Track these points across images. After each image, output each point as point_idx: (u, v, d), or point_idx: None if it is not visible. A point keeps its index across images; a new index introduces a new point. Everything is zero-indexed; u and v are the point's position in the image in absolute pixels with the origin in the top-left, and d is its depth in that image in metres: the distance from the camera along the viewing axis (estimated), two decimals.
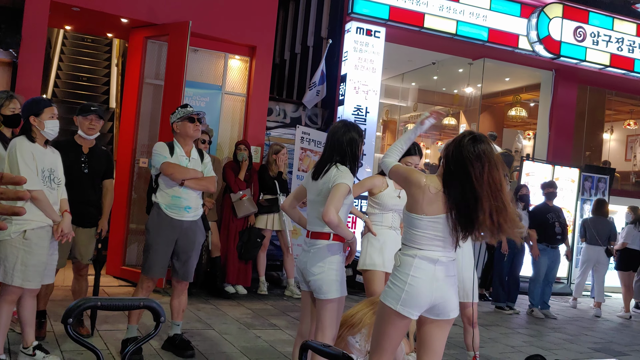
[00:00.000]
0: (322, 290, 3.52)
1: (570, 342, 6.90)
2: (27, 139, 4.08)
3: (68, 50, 14.02)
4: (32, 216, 3.98)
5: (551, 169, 10.49)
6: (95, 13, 7.62)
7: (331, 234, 3.55)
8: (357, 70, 9.62)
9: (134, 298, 2.12)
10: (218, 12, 8.01)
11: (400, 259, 2.98)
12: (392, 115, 17.09)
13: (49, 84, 12.43)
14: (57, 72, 13.12)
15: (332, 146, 3.68)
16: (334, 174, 3.55)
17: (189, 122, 4.70)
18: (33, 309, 4.20)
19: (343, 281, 3.59)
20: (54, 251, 4.24)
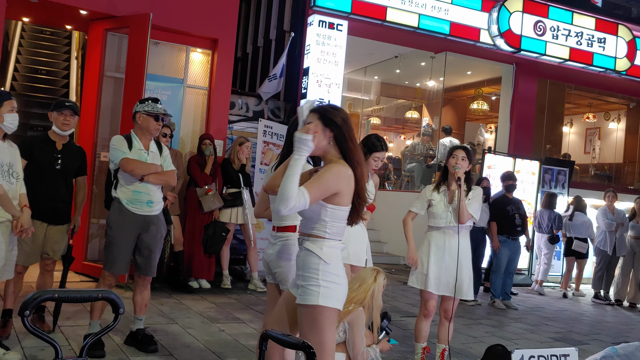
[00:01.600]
0: (287, 282, 3.53)
1: (531, 332, 7.02)
2: None
3: (26, 43, 13.77)
4: None
5: (512, 162, 10.66)
6: (54, 4, 7.49)
7: (297, 227, 3.55)
8: (320, 64, 9.66)
9: (92, 290, 2.11)
10: (179, 4, 7.94)
11: (329, 255, 2.92)
12: (355, 108, 17.17)
13: (7, 77, 12.21)
14: (15, 66, 12.87)
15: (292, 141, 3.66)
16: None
17: (155, 119, 4.65)
18: None
19: None
20: (13, 246, 4.18)
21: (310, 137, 2.79)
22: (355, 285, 3.96)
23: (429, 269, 4.70)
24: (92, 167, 7.51)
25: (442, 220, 4.71)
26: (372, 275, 3.98)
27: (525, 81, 12.42)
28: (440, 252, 4.69)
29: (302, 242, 2.96)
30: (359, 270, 4.50)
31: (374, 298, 3.92)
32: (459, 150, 4.78)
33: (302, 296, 2.89)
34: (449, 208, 4.69)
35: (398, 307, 7.38)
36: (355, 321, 3.80)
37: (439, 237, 4.72)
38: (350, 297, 3.89)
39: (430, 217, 4.81)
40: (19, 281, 4.81)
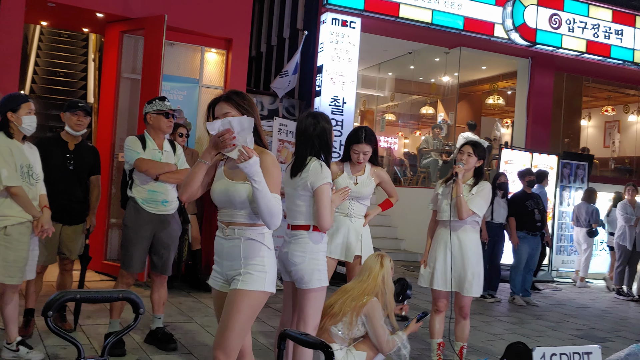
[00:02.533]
0: (303, 280, 3.55)
1: (553, 329, 6.93)
2: (5, 135, 4.08)
3: (45, 46, 13.93)
4: (12, 212, 3.99)
5: (529, 157, 10.60)
6: (71, 8, 7.58)
7: (311, 225, 3.59)
8: (333, 61, 9.68)
9: (112, 290, 2.16)
10: (194, 5, 8.00)
11: (270, 243, 3.01)
12: (370, 105, 17.18)
13: (27, 80, 12.36)
14: (34, 68, 13.03)
15: (305, 141, 3.65)
16: (311, 170, 3.54)
17: (164, 117, 4.71)
18: (15, 304, 4.22)
19: (324, 271, 3.60)
20: (34, 247, 4.25)
21: (257, 160, 2.69)
22: (364, 275, 3.98)
23: (435, 265, 4.70)
24: (110, 167, 7.59)
25: (444, 214, 4.71)
26: (378, 261, 4.01)
27: (541, 75, 12.35)
28: (444, 248, 4.68)
29: (243, 232, 2.91)
30: (351, 264, 4.52)
31: (385, 283, 3.95)
32: (466, 146, 4.79)
33: (247, 282, 2.88)
34: (449, 202, 4.68)
35: (416, 304, 7.38)
36: (371, 312, 3.83)
37: (443, 232, 4.72)
38: (362, 288, 3.92)
39: (437, 211, 4.83)
40: (39, 281, 4.90)
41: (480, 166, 4.77)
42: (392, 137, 17.31)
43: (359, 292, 3.90)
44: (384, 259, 4.02)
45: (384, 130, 16.73)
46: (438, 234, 4.78)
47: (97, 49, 13.18)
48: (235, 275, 2.93)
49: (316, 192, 3.50)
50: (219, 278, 3.03)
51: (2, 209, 3.94)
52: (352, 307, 3.83)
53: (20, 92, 9.13)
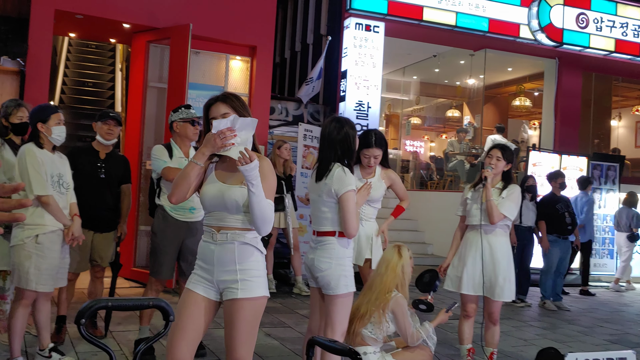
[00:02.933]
0: (330, 286, 3.55)
1: (585, 334, 6.79)
2: (36, 145, 4.15)
3: (73, 57, 14.15)
4: (43, 221, 4.06)
5: (558, 158, 10.46)
6: (98, 20, 7.72)
7: (337, 231, 3.59)
8: (358, 66, 9.68)
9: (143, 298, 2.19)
10: (218, 13, 8.08)
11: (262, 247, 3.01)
12: (395, 109, 17.13)
13: (56, 90, 12.56)
14: (63, 79, 13.25)
15: (328, 145, 3.65)
16: (335, 177, 3.55)
17: (190, 124, 4.75)
18: (48, 312, 4.29)
19: (351, 276, 3.60)
20: (65, 254, 4.31)
21: (257, 164, 2.68)
22: (382, 268, 3.98)
23: (463, 269, 4.65)
24: (138, 176, 7.69)
25: (473, 219, 4.65)
26: (395, 252, 4.00)
27: (569, 75, 12.21)
28: (474, 252, 4.62)
29: (237, 237, 2.84)
30: (362, 268, 4.52)
31: (404, 274, 3.94)
32: (495, 150, 4.74)
33: (247, 289, 2.82)
34: (479, 206, 4.63)
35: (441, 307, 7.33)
36: (397, 308, 3.83)
37: (472, 236, 4.68)
38: (383, 282, 3.92)
39: (466, 216, 4.77)
40: (70, 288, 4.98)
41: (508, 170, 4.73)
42: (418, 140, 17.25)
43: (381, 288, 3.90)
44: (401, 249, 4.02)
45: (409, 134, 16.67)
46: (467, 238, 4.73)
47: (124, 59, 13.35)
48: (231, 283, 2.83)
49: (341, 199, 3.51)
50: (207, 285, 2.89)
51: (33, 218, 4.01)
52: (377, 306, 3.84)
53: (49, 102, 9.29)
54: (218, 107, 2.88)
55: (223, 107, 2.87)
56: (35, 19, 7.29)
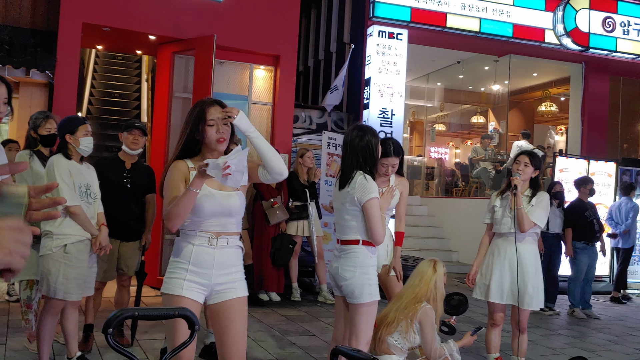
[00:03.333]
0: (354, 295, 3.55)
1: (615, 342, 6.66)
2: (64, 156, 4.21)
3: (100, 69, 14.38)
4: (71, 230, 4.12)
5: (586, 164, 10.31)
6: (125, 32, 7.83)
7: (361, 239, 3.59)
8: (381, 74, 9.68)
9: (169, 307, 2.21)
10: (242, 24, 8.15)
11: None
12: (419, 116, 17.08)
13: (84, 102, 12.77)
14: (90, 90, 13.46)
15: (351, 153, 3.66)
16: (357, 184, 3.56)
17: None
18: (75, 320, 4.34)
19: (375, 285, 3.60)
20: (93, 264, 4.37)
21: (242, 114, 2.90)
22: (416, 280, 3.97)
23: (492, 277, 4.62)
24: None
25: (502, 227, 4.61)
26: (431, 266, 3.99)
27: (595, 80, 12.06)
28: (501, 260, 4.59)
29: (234, 241, 2.96)
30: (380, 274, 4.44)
31: (437, 288, 3.93)
32: (523, 156, 4.69)
33: (244, 287, 3.00)
34: (509, 214, 4.56)
35: (471, 317, 7.26)
36: (425, 319, 3.81)
37: (501, 244, 4.64)
38: (414, 292, 3.90)
39: (494, 224, 4.73)
40: (97, 297, 5.04)
41: (536, 176, 4.68)
42: (442, 147, 17.17)
43: (412, 298, 3.89)
44: (437, 264, 4.01)
45: (434, 141, 16.61)
46: (495, 246, 4.69)
47: (149, 70, 13.53)
48: (230, 284, 2.93)
49: (364, 207, 3.52)
50: (200, 290, 2.89)
51: (61, 227, 4.07)
52: (406, 315, 3.82)
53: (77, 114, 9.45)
54: (218, 110, 2.95)
55: (220, 112, 2.95)
56: (63, 32, 7.43)
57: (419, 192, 14.91)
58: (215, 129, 2.91)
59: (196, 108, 2.98)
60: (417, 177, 15.54)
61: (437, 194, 15.16)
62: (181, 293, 2.86)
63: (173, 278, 2.90)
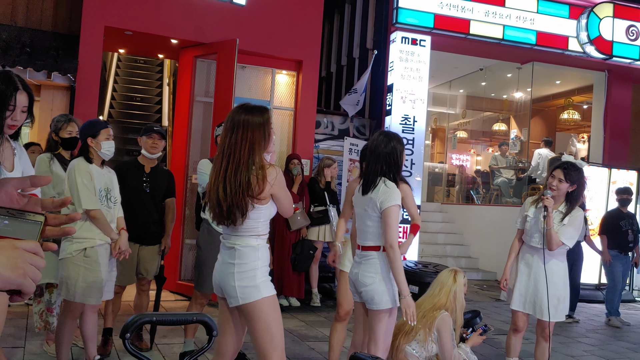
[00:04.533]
0: (373, 301, 3.53)
1: (635, 350, 6.64)
2: (85, 159, 4.22)
3: (122, 72, 14.48)
4: (91, 234, 4.12)
5: (607, 172, 10.20)
6: (147, 36, 7.87)
7: (381, 246, 3.56)
8: (404, 80, 9.63)
9: (187, 313, 2.19)
10: (264, 28, 8.15)
11: None
12: (441, 122, 16.99)
13: (105, 105, 12.85)
14: (112, 94, 13.55)
15: (376, 159, 3.65)
16: (381, 191, 3.55)
17: None
18: (94, 324, 4.34)
19: (395, 292, 3.57)
20: (112, 268, 4.37)
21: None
22: (436, 289, 3.93)
23: (515, 285, 4.57)
24: (184, 189, 7.77)
25: (532, 240, 4.51)
26: (451, 276, 3.95)
27: (619, 88, 11.92)
28: (528, 270, 4.53)
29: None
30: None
31: (456, 299, 3.89)
32: (558, 171, 4.46)
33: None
34: (540, 229, 4.40)
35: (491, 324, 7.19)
36: (442, 327, 3.77)
37: (529, 254, 4.57)
38: (433, 302, 3.87)
39: (525, 233, 4.62)
40: (117, 301, 5.04)
41: (573, 191, 4.45)
42: (464, 154, 17.06)
43: (430, 307, 3.85)
44: (457, 274, 3.97)
45: (455, 148, 16.51)
46: (524, 254, 4.62)
47: (171, 74, 13.60)
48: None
49: (384, 213, 3.50)
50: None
51: (81, 231, 4.08)
52: (424, 324, 3.78)
53: (99, 117, 9.52)
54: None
55: None
56: (85, 36, 7.48)
57: (440, 199, 14.82)
58: None
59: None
60: (438, 184, 15.46)
61: (458, 200, 15.06)
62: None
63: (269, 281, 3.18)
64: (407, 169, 9.46)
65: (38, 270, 1.03)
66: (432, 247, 11.16)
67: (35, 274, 1.03)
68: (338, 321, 4.48)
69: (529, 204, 4.64)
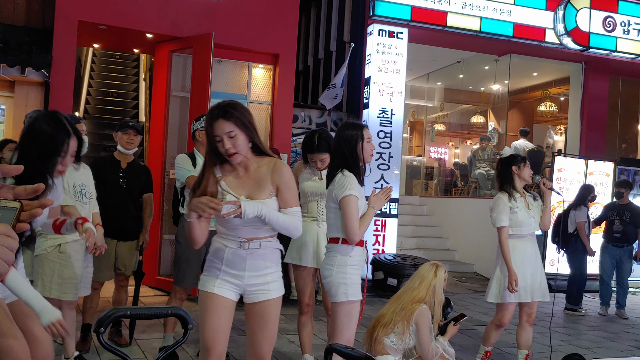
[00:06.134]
0: (331, 293, 3.51)
1: (611, 339, 6.72)
2: None
3: (98, 68, 14.33)
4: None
5: (584, 164, 10.30)
6: (121, 30, 7.79)
7: (340, 238, 3.51)
8: (381, 73, 9.63)
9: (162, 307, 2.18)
10: (240, 22, 8.11)
11: None
12: (419, 115, 17.06)
13: (81, 101, 12.72)
14: (88, 89, 13.41)
15: (334, 150, 3.62)
16: (337, 182, 3.50)
17: None
18: (72, 320, 4.30)
19: (352, 285, 3.49)
20: (88, 264, 4.34)
21: (249, 204, 2.75)
22: (416, 282, 3.94)
23: (527, 279, 4.64)
24: (161, 185, 7.72)
25: (526, 228, 4.67)
26: (432, 271, 3.95)
27: (595, 79, 12.04)
28: (529, 261, 4.66)
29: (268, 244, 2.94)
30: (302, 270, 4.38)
31: (435, 293, 3.90)
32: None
33: (279, 289, 2.98)
34: (530, 214, 4.66)
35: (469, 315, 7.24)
36: (421, 320, 3.78)
37: (524, 245, 4.68)
38: (412, 295, 3.88)
39: (514, 226, 4.67)
40: (95, 297, 4.99)
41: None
42: (442, 147, 17.16)
43: (409, 300, 3.86)
44: (438, 269, 3.98)
45: (433, 141, 16.60)
46: (517, 247, 4.67)
47: (147, 69, 13.50)
48: (263, 286, 2.91)
49: (340, 204, 3.45)
50: (234, 288, 2.92)
51: None
52: (402, 316, 3.79)
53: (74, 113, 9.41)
54: (221, 125, 2.79)
55: (227, 125, 2.79)
56: (59, 30, 7.38)
57: (418, 192, 14.89)
58: (221, 145, 2.82)
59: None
60: (416, 177, 15.52)
61: (437, 193, 15.13)
62: (216, 291, 2.90)
63: (208, 276, 2.97)
64: (385, 162, 9.47)
65: (10, 251, 1.06)
66: (410, 239, 11.21)
67: (7, 255, 1.05)
68: (301, 314, 4.49)
69: (505, 199, 4.69)
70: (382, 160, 9.46)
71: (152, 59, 11.02)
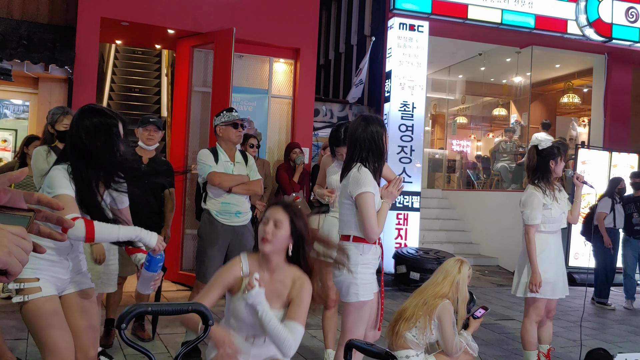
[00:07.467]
0: (342, 292, 3.46)
1: (636, 334, 6.64)
2: None
3: (120, 64, 14.44)
4: None
5: (608, 156, 10.18)
6: (143, 26, 7.85)
7: (351, 236, 3.44)
8: (402, 66, 9.59)
9: (182, 303, 2.20)
10: (261, 17, 8.12)
11: None
12: (440, 108, 16.95)
13: (104, 97, 12.83)
14: (110, 85, 13.53)
15: (353, 144, 3.49)
16: (352, 178, 3.41)
17: (233, 127, 4.75)
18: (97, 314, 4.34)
19: (364, 285, 3.41)
20: (110, 260, 4.37)
21: (261, 291, 2.62)
22: (440, 277, 3.90)
23: (557, 275, 4.55)
24: (183, 179, 7.76)
25: (559, 224, 4.56)
26: (456, 266, 3.91)
27: (618, 71, 11.87)
28: (557, 256, 4.59)
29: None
30: None
31: (459, 290, 3.86)
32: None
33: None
34: (562, 209, 4.54)
35: (492, 309, 7.20)
36: (444, 314, 3.75)
37: (555, 241, 4.60)
38: (435, 290, 3.84)
39: (547, 222, 4.53)
40: (118, 291, 5.04)
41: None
42: (464, 140, 17.03)
43: (432, 295, 3.83)
44: (463, 265, 3.93)
45: (455, 134, 16.48)
46: (548, 242, 4.55)
47: (169, 64, 13.56)
48: None
49: (356, 201, 3.37)
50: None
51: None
52: (425, 311, 3.77)
53: None
54: (278, 211, 2.77)
55: (282, 215, 2.75)
56: (82, 27, 7.46)
57: (440, 185, 14.81)
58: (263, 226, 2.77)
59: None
60: (438, 171, 15.45)
61: (459, 186, 15.05)
62: None
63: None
64: (407, 156, 9.45)
65: (25, 253, 1.07)
66: (433, 233, 11.17)
67: (22, 256, 1.06)
68: (326, 309, 4.48)
69: (538, 194, 4.52)
70: (403, 154, 9.44)
71: (173, 54, 11.08)
